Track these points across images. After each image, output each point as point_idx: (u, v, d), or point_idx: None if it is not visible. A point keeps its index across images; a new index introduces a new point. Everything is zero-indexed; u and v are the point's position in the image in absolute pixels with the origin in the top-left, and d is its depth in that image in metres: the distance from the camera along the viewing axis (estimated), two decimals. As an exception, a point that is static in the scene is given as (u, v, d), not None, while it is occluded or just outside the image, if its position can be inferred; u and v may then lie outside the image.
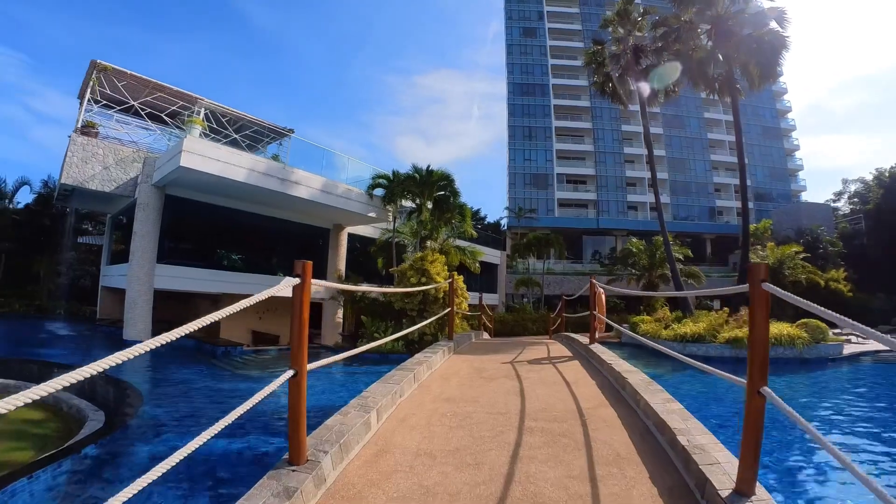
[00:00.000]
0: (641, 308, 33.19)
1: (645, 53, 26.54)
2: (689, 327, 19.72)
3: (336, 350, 18.69)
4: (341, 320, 22.31)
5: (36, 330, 20.66)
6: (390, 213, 22.17)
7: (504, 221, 63.26)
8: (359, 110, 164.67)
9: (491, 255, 38.46)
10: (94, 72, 21.17)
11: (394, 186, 20.98)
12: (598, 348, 7.59)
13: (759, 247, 38.75)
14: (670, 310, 32.29)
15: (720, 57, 23.09)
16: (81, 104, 21.17)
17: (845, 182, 64.67)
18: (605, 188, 64.35)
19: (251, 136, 25.55)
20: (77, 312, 25.50)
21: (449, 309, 10.22)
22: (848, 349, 18.55)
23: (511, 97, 67.82)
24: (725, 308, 23.77)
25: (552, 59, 69.62)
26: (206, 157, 16.43)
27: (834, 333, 19.42)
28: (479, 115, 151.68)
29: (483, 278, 36.67)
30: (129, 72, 21.42)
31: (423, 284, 16.49)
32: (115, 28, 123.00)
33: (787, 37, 21.98)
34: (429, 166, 20.97)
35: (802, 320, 18.67)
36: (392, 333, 16.83)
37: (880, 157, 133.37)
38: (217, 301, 20.39)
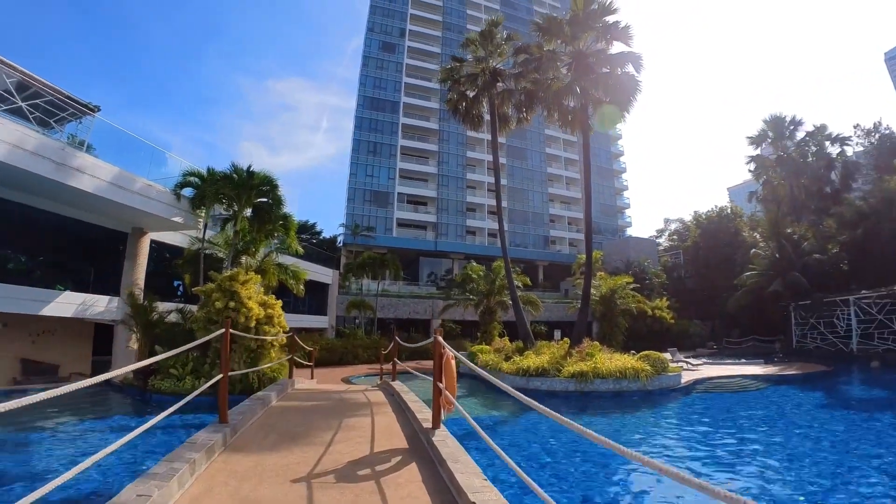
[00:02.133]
0: (478, 334, 32.94)
1: (503, 77, 26.56)
2: (531, 360, 19.06)
3: (126, 389, 15.41)
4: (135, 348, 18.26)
5: None
6: (201, 220, 19.05)
7: (340, 238, 60.81)
8: (203, 107, 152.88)
9: (322, 273, 35.99)
10: None
11: (206, 187, 17.92)
12: (444, 441, 5.01)
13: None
14: (510, 339, 32.52)
15: (577, 90, 23.50)
16: None
17: (667, 221, 71.75)
18: (445, 211, 64.84)
19: (44, 108, 20.57)
20: None
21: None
22: (685, 377, 19.04)
23: (360, 109, 66.20)
24: (565, 339, 23.90)
25: (407, 77, 69.50)
26: None
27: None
28: (328, 128, 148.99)
29: (313, 299, 34.11)
30: None
31: (232, 310, 14.03)
32: None
33: (640, 81, 22.94)
34: (249, 166, 18.21)
35: (644, 353, 18.94)
36: (193, 368, 14.44)
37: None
38: None
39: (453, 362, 5.67)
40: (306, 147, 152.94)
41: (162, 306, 17.41)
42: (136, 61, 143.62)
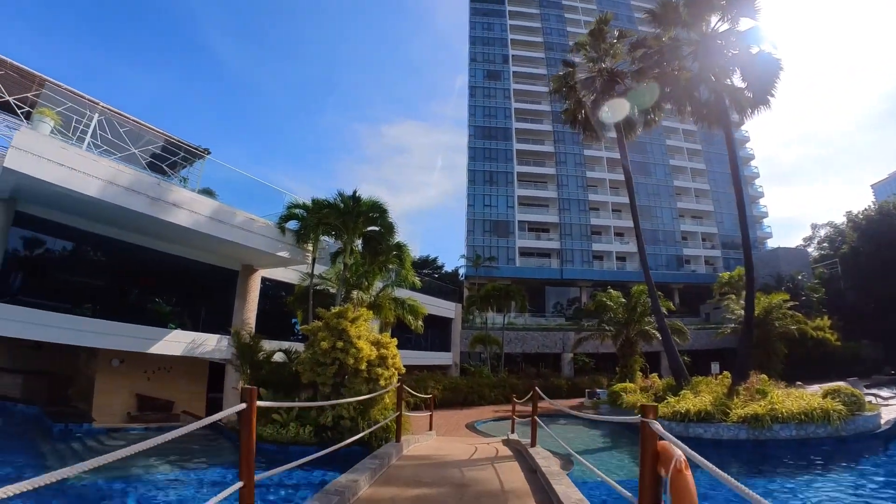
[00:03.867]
0: (617, 369, 29.12)
1: (622, 78, 23.37)
2: (690, 401, 15.61)
3: (225, 432, 14.43)
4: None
5: None
6: (309, 254, 17.53)
7: (462, 271, 58.99)
8: (325, 157, 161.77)
9: (444, 307, 33.79)
10: None
11: (310, 218, 16.37)
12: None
13: (732, 296, 35.65)
14: (649, 372, 28.18)
15: (711, 77, 19.88)
16: None
17: (815, 227, 63.42)
18: (568, 236, 61.10)
19: (159, 154, 20.62)
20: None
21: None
22: (886, 416, 14.72)
23: (472, 140, 64.96)
24: (725, 373, 19.82)
25: (516, 102, 67.61)
26: (43, 158, 11.70)
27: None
28: (443, 166, 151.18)
29: (436, 334, 32.02)
30: (9, 61, 16.85)
31: (339, 350, 12.26)
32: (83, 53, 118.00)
33: (780, 60, 19.05)
34: (355, 192, 16.36)
35: (832, 385, 14.86)
36: (299, 413, 12.61)
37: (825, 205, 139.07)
38: (94, 354, 15.89)
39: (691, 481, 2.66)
40: (423, 186, 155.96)
41: (268, 345, 15.95)
42: (263, 119, 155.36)
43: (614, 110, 23.32)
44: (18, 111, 18.39)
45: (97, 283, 16.48)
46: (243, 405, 3.59)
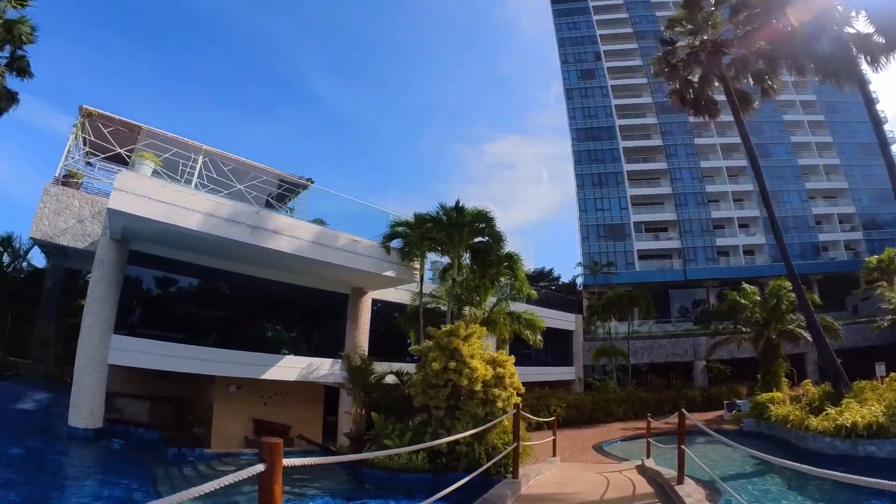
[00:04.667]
0: (758, 376, 25.82)
1: (727, 47, 20.84)
2: (855, 412, 12.97)
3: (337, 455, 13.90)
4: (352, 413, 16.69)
5: None
6: (416, 272, 16.74)
7: (579, 281, 56.41)
8: (432, 180, 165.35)
9: (563, 319, 31.77)
10: (80, 118, 18.91)
11: (413, 234, 15.58)
12: None
13: (884, 283, 31.49)
14: (797, 377, 24.78)
15: (833, 26, 17.06)
16: (64, 153, 19.01)
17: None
18: (689, 234, 56.75)
19: (260, 187, 21.16)
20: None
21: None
22: None
23: (576, 144, 62.60)
24: (894, 374, 16.61)
25: (615, 98, 64.54)
26: (144, 197, 12.15)
27: None
28: (549, 178, 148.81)
29: (556, 348, 30.24)
30: (117, 117, 18.91)
31: (452, 371, 11.27)
32: (195, 110, 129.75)
33: None
34: (458, 202, 15.26)
35: None
36: (411, 438, 11.57)
37: None
38: (213, 381, 16.22)
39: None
40: (531, 199, 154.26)
41: (379, 368, 15.29)
42: (368, 151, 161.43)
43: (725, 83, 20.83)
44: (128, 161, 19.63)
45: (213, 314, 17.27)
46: (261, 467, 2.47)
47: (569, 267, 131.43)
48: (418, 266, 16.64)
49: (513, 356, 12.48)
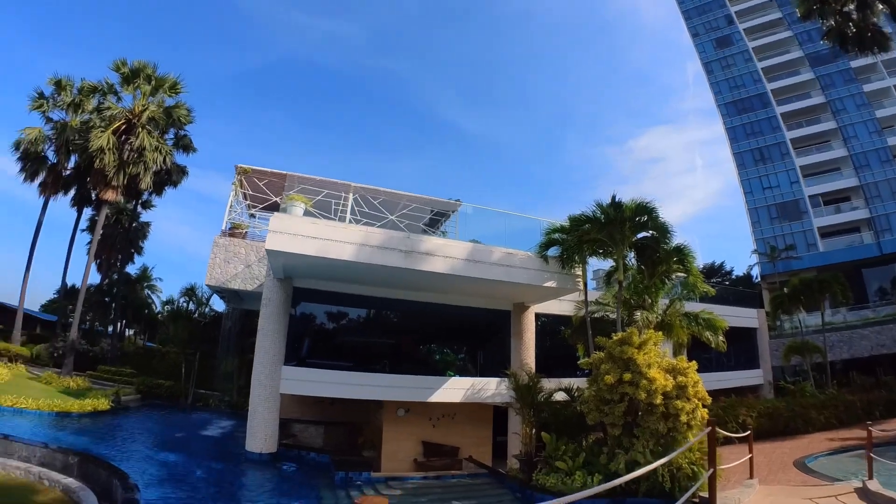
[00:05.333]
0: None
1: None
2: None
3: (506, 482, 13.29)
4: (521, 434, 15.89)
5: (188, 426, 20.02)
6: (578, 279, 15.57)
7: (755, 271, 50.89)
8: (581, 189, 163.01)
9: (744, 316, 28.49)
10: (237, 175, 20.91)
11: (570, 239, 14.43)
12: None
13: None
14: None
15: None
16: (227, 207, 21.06)
17: None
18: (877, 198, 48.40)
19: (411, 215, 21.48)
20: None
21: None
22: None
23: (727, 120, 57.17)
24: None
25: (760, 61, 58.09)
26: (298, 235, 12.92)
27: None
28: (703, 164, 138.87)
29: (739, 349, 27.07)
30: (269, 170, 20.56)
31: (628, 384, 10.29)
32: (343, 158, 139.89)
33: None
34: (613, 197, 13.75)
35: None
36: (585, 460, 10.94)
37: None
38: (381, 405, 16.64)
39: None
40: (688, 190, 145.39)
41: (548, 385, 14.37)
42: (513, 170, 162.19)
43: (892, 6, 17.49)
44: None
45: (378, 341, 17.68)
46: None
47: (741, 258, 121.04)
48: (580, 273, 15.50)
49: (694, 362, 11.09)
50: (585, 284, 15.70)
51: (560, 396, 14.20)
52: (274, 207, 21.01)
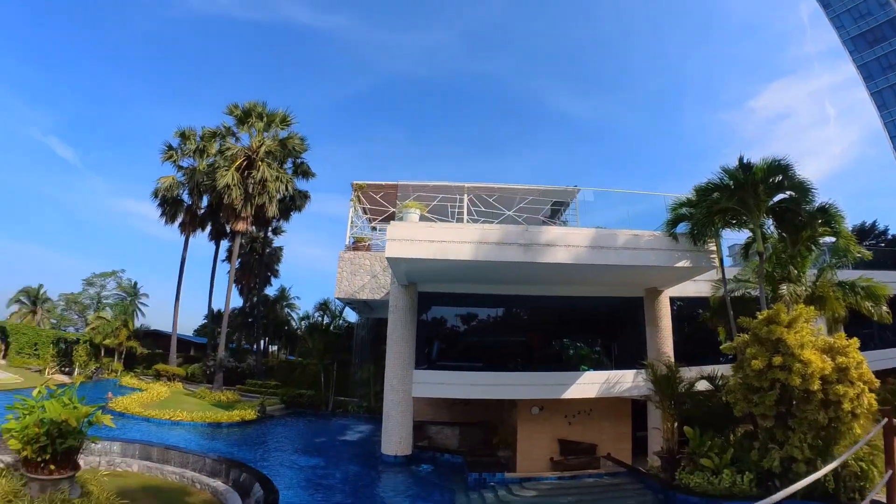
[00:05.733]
0: None
1: None
2: None
3: (647, 481, 12.65)
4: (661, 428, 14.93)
5: (327, 432, 21.19)
6: (713, 256, 14.50)
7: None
8: (704, 161, 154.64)
9: (909, 283, 25.10)
10: (354, 192, 21.96)
11: (698, 213, 13.45)
12: None
13: None
14: None
15: None
16: (349, 223, 22.08)
17: None
18: None
19: (529, 208, 21.24)
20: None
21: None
22: None
23: (857, 56, 51.32)
24: None
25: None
26: (415, 240, 13.36)
27: None
28: (836, 113, 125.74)
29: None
30: (383, 183, 21.50)
31: (778, 368, 9.38)
32: (459, 165, 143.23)
33: None
34: (741, 158, 12.53)
35: None
36: (734, 456, 10.52)
37: None
38: (515, 404, 16.47)
39: None
40: (823, 146, 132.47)
41: (688, 374, 13.54)
42: (632, 152, 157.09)
43: None
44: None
45: (507, 339, 17.72)
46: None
47: (891, 216, 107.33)
48: (713, 248, 14.36)
49: (855, 339, 9.86)
50: (721, 260, 14.62)
51: (703, 386, 13.41)
52: (392, 218, 21.79)
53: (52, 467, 9.36)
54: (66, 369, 34.62)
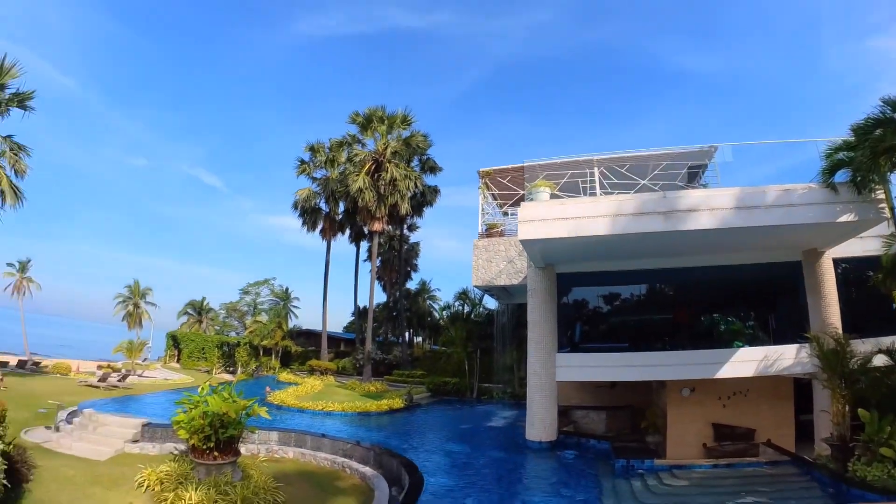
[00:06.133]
0: None
1: None
2: None
3: (814, 472, 11.19)
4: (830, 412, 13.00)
5: (472, 419, 21.36)
6: (882, 206, 12.45)
7: None
8: (854, 98, 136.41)
9: None
10: (481, 179, 22.44)
11: (859, 155, 11.56)
12: None
13: None
14: None
15: None
16: (479, 211, 22.53)
17: None
18: None
19: (664, 175, 19.90)
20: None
21: None
22: None
23: None
24: None
25: None
26: (548, 220, 13.06)
27: None
28: None
29: None
30: (509, 167, 21.61)
31: None
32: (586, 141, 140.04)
33: None
34: None
35: None
36: None
37: None
38: (664, 385, 15.39)
39: None
40: None
41: (861, 347, 11.82)
42: (770, 104, 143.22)
43: None
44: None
45: (651, 317, 16.93)
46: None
47: None
48: (882, 196, 12.21)
49: None
50: (893, 210, 12.57)
51: (880, 361, 11.65)
52: (522, 201, 21.70)
53: (216, 454, 10.62)
54: (231, 369, 38.88)
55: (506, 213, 23.86)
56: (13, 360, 30.51)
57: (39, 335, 59.97)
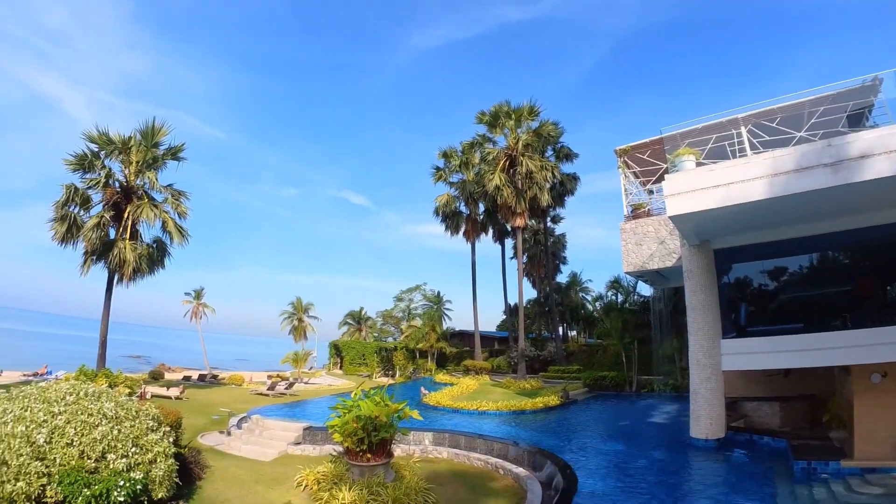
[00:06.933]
0: None
1: None
2: None
3: None
4: None
5: (632, 414, 20.17)
6: None
7: None
8: None
9: None
10: (619, 159, 21.27)
11: None
12: None
13: None
14: None
15: None
16: (623, 192, 21.20)
17: None
18: None
19: (822, 123, 17.16)
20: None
21: None
22: None
23: None
24: None
25: None
26: (696, 190, 11.83)
27: None
28: None
29: None
30: (647, 140, 20.17)
31: None
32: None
33: None
34: None
35: None
36: None
37: None
38: (848, 371, 12.80)
39: None
40: None
41: None
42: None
43: None
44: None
45: (828, 291, 14.14)
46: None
47: None
48: None
49: None
50: None
51: None
52: (665, 175, 20.25)
53: (369, 456, 10.86)
54: (389, 372, 40.57)
55: (650, 192, 22.30)
56: (195, 375, 35.19)
57: (217, 352, 68.21)
